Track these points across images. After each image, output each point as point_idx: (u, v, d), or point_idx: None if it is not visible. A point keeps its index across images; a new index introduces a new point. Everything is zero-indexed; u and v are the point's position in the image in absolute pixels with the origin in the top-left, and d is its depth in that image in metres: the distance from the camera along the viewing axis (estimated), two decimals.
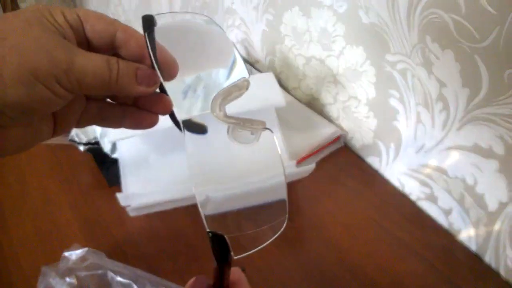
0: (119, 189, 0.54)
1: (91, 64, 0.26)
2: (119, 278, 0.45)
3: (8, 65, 0.24)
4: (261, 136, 0.31)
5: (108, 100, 0.33)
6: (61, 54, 0.25)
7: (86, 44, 0.29)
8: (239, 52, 0.32)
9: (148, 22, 0.29)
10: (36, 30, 0.25)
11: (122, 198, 0.52)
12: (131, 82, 0.28)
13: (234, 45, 0.34)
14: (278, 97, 0.61)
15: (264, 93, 0.61)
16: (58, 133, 0.30)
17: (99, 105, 0.32)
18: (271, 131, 0.31)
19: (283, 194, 0.32)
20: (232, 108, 0.32)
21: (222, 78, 0.32)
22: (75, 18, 0.28)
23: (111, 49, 0.30)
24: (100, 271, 0.45)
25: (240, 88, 0.31)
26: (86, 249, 0.47)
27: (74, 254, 0.46)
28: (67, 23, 0.27)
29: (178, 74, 0.30)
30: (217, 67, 0.33)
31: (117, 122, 0.33)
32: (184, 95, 0.31)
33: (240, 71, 0.32)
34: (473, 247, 0.55)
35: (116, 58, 0.28)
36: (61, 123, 0.30)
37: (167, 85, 0.29)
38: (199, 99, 0.32)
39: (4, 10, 2.13)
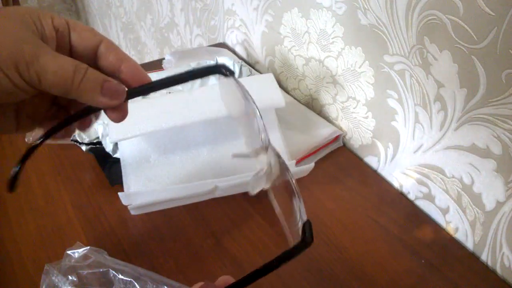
0: (121, 188, 0.55)
1: (56, 63, 0.27)
2: (120, 276, 0.45)
3: None
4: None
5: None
6: (27, 47, 0.26)
7: (68, 50, 0.30)
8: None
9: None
10: (11, 24, 0.26)
11: (123, 197, 0.52)
12: (94, 90, 0.28)
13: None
14: (278, 97, 0.61)
15: (264, 94, 0.62)
16: (21, 129, 0.31)
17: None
18: None
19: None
20: (232, 109, 0.33)
21: None
22: (63, 23, 0.29)
23: (92, 59, 0.30)
24: (102, 269, 0.46)
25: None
26: (88, 247, 0.47)
27: (76, 253, 0.47)
28: (52, 26, 0.28)
29: None
30: None
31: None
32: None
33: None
34: (470, 245, 0.55)
35: (87, 66, 0.28)
36: (24, 120, 0.31)
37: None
38: None
39: None
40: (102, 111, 0.31)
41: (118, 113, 0.31)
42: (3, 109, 0.29)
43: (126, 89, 0.30)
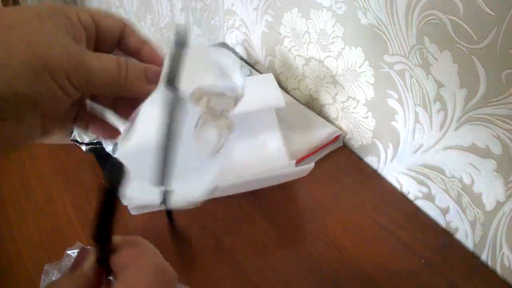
0: None
1: (102, 63, 0.27)
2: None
3: (19, 54, 0.23)
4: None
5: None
6: (74, 51, 0.26)
7: (94, 42, 0.30)
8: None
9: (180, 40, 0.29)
10: (48, 26, 0.26)
11: (123, 197, 0.52)
12: (141, 81, 0.29)
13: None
14: (278, 98, 0.61)
15: (264, 94, 0.62)
16: (46, 134, 0.30)
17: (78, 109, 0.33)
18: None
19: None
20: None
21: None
22: (90, 21, 0.29)
23: (115, 42, 0.31)
24: None
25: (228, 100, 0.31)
26: (88, 247, 0.47)
27: (76, 253, 0.47)
28: (80, 25, 0.28)
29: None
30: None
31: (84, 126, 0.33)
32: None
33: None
34: (470, 245, 0.55)
35: (125, 57, 0.28)
36: (48, 124, 0.30)
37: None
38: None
39: None
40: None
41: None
42: (35, 117, 0.28)
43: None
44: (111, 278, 0.30)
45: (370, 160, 0.68)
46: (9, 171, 0.64)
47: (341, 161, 0.68)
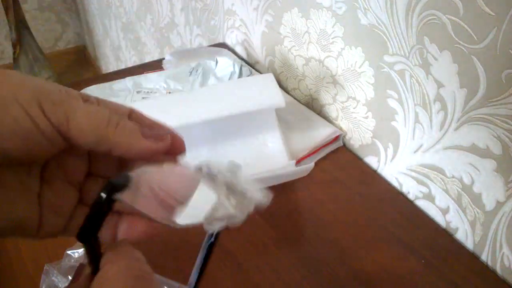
0: None
1: (87, 107, 0.23)
2: None
3: None
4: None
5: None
6: (54, 89, 0.22)
7: None
8: None
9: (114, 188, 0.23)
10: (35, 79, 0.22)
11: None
12: (134, 133, 0.24)
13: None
14: (278, 98, 0.61)
15: (264, 94, 0.62)
16: (45, 227, 0.24)
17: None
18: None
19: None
20: (233, 109, 0.32)
21: None
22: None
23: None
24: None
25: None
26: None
27: (76, 253, 0.47)
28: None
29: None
30: None
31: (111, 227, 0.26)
32: None
33: None
34: (470, 245, 0.55)
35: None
36: (48, 214, 0.24)
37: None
38: None
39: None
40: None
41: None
42: (25, 191, 0.23)
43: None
44: None
45: (370, 160, 0.68)
46: None
47: (341, 161, 0.68)
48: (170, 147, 0.25)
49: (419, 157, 0.59)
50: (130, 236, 0.27)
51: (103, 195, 0.22)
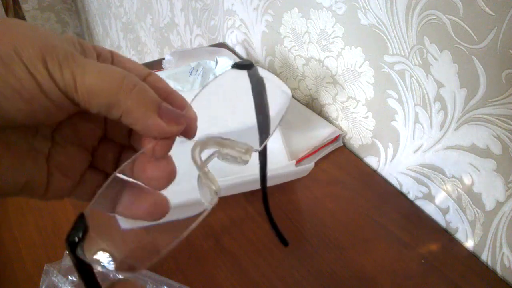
0: None
1: (98, 65, 0.20)
2: (120, 276, 0.45)
3: None
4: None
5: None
6: (61, 45, 0.20)
7: None
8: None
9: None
10: (45, 31, 0.20)
11: None
12: (150, 103, 0.21)
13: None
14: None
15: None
16: (52, 190, 0.23)
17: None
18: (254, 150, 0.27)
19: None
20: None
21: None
22: (106, 51, 0.24)
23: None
24: (102, 269, 0.46)
25: (239, 153, 0.26)
26: None
27: None
28: (93, 49, 0.23)
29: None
30: None
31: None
32: None
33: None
34: (470, 245, 0.55)
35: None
36: (56, 176, 0.23)
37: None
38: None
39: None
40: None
41: (165, 167, 0.23)
42: (33, 152, 0.22)
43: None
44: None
45: (370, 160, 0.68)
46: None
47: (341, 161, 0.68)
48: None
49: (419, 157, 0.59)
50: (131, 213, 0.25)
51: (72, 258, 0.21)
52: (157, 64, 0.87)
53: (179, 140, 0.24)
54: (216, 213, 0.58)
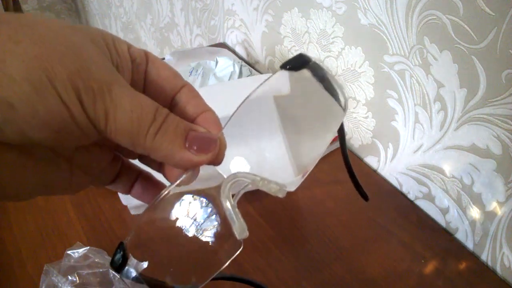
0: None
1: (133, 100, 0.19)
2: None
3: (20, 54, 0.17)
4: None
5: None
6: (98, 70, 0.19)
7: (142, 87, 0.23)
8: None
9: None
10: (79, 40, 0.19)
11: (123, 197, 0.52)
12: (176, 141, 0.21)
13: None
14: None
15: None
16: (75, 186, 0.23)
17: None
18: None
19: None
20: (232, 103, 0.31)
21: None
22: (141, 54, 0.23)
23: (166, 104, 0.23)
24: (102, 270, 0.46)
25: (269, 189, 0.25)
26: (88, 247, 0.47)
27: (76, 253, 0.47)
28: (128, 55, 0.22)
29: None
30: None
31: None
32: None
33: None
34: (470, 245, 0.55)
35: (168, 110, 0.21)
36: (78, 174, 0.23)
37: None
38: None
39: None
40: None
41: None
42: (56, 159, 0.22)
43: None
44: None
45: (370, 160, 0.68)
46: None
47: (341, 161, 0.68)
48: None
49: (419, 157, 0.59)
50: (144, 198, 0.27)
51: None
52: None
53: None
54: None
